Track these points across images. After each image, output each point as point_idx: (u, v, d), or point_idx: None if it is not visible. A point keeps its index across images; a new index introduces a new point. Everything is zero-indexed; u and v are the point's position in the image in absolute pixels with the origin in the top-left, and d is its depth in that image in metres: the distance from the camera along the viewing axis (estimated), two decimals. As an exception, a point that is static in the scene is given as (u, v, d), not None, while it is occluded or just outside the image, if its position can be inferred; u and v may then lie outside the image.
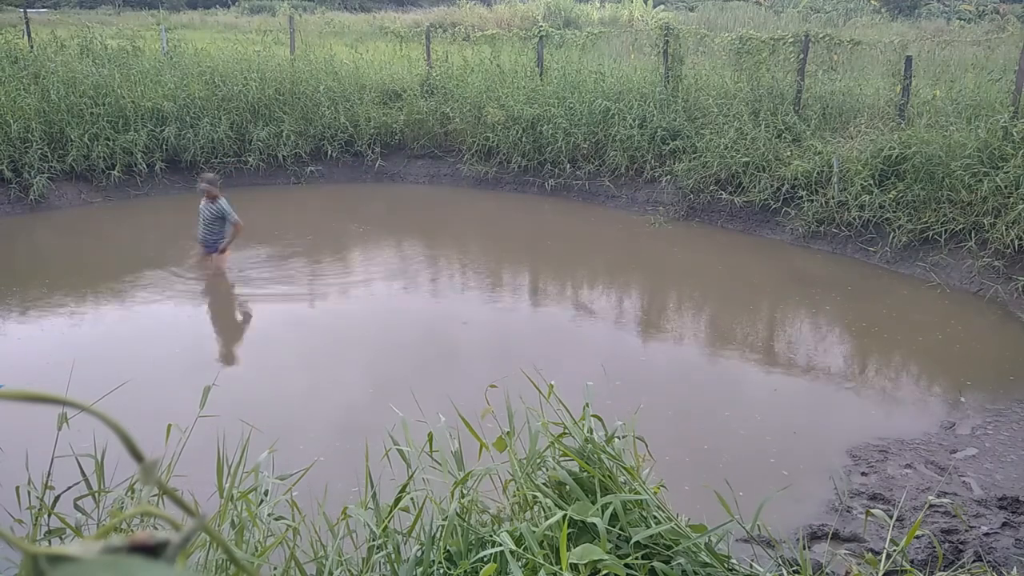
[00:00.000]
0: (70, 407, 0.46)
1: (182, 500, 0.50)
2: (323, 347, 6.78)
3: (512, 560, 2.10)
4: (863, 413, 5.90)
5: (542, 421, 2.53)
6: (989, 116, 8.95)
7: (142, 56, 13.03)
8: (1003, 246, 7.96)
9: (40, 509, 2.40)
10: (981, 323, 7.42)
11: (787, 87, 10.82)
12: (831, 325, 7.34)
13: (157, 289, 7.93)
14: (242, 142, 12.18)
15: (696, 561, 2.26)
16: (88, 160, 11.06)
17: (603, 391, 4.87)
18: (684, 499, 4.05)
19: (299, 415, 5.41)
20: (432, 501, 2.51)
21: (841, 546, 4.04)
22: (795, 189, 9.61)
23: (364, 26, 18.59)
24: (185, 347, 6.62)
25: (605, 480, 2.39)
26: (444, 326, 7.32)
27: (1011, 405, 5.76)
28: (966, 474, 4.80)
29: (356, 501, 2.58)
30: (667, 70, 11.63)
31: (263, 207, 11.44)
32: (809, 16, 20.93)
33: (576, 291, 8.29)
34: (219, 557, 2.26)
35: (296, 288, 8.29)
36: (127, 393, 3.50)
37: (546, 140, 11.64)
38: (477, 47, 13.96)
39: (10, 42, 12.31)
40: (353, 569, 2.47)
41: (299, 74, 12.86)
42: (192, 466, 2.58)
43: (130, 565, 0.40)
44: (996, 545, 4.04)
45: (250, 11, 28.56)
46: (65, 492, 2.51)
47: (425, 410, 2.86)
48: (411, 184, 12.71)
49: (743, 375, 6.33)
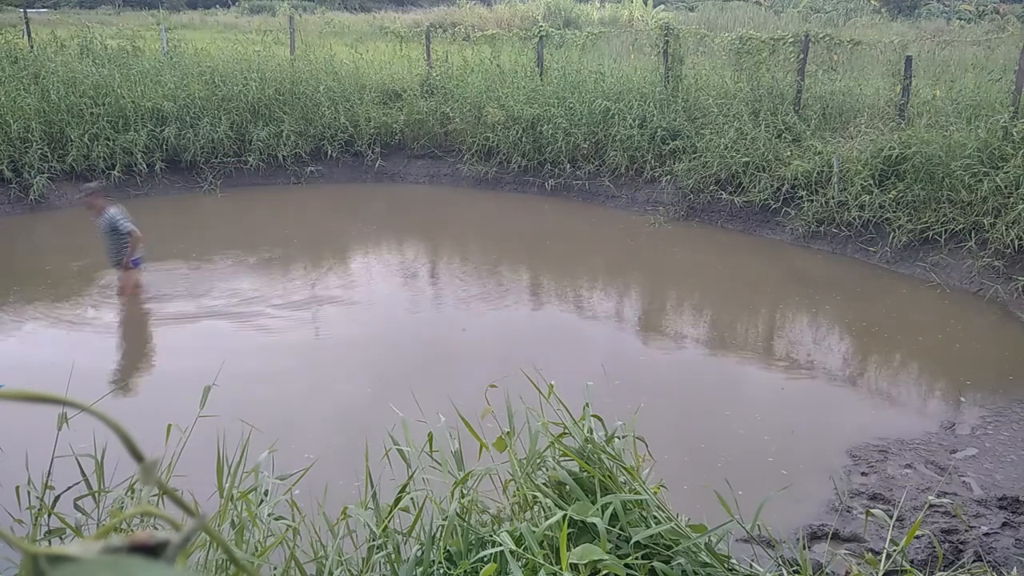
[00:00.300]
0: (70, 407, 0.46)
1: (182, 500, 0.50)
2: (322, 347, 6.78)
3: (512, 560, 2.10)
4: (863, 413, 5.90)
5: (542, 421, 2.53)
6: (989, 116, 8.94)
7: (142, 56, 13.03)
8: (1003, 246, 7.96)
9: (40, 509, 2.40)
10: (981, 323, 7.41)
11: (787, 87, 10.82)
12: (831, 325, 7.34)
13: (156, 289, 7.93)
14: (242, 142, 12.18)
15: (696, 561, 2.26)
16: (88, 160, 11.06)
17: (603, 391, 4.87)
18: (684, 499, 4.05)
19: (299, 415, 5.41)
20: (432, 501, 2.50)
21: (841, 546, 4.04)
22: (795, 189, 9.61)
23: (364, 26, 18.59)
24: (185, 347, 6.62)
25: (605, 480, 2.39)
26: (444, 326, 7.32)
27: (1011, 405, 5.76)
28: (966, 474, 4.80)
29: (356, 501, 2.58)
30: (667, 70, 11.63)
31: (263, 207, 11.45)
32: (809, 16, 20.93)
33: (576, 291, 8.29)
34: (219, 557, 2.26)
35: (294, 289, 8.28)
36: (127, 393, 3.51)
37: (546, 140, 11.64)
38: (477, 47, 13.96)
39: (10, 42, 12.31)
40: (353, 569, 2.47)
41: (299, 74, 12.86)
42: (192, 466, 2.58)
43: (130, 565, 0.40)
44: (996, 545, 4.04)
45: (250, 11, 28.56)
46: (65, 492, 2.51)
47: (425, 410, 2.86)
48: (411, 184, 12.71)
49: (743, 375, 6.33)
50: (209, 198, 11.56)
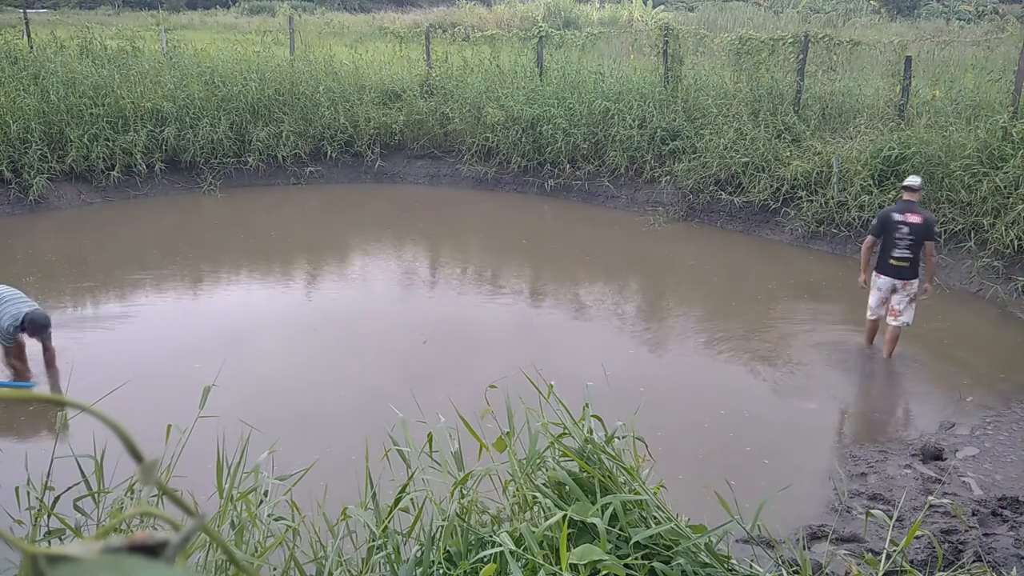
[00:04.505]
0: (70, 407, 0.46)
1: (181, 500, 0.50)
2: (322, 348, 6.78)
3: (512, 560, 2.10)
4: (863, 413, 5.90)
5: (542, 421, 2.53)
6: (989, 116, 8.95)
7: (142, 57, 13.03)
8: (1002, 246, 7.96)
9: (40, 510, 2.40)
10: (981, 323, 7.42)
11: (787, 87, 10.82)
12: (831, 325, 7.33)
13: (157, 289, 7.93)
14: (242, 142, 12.18)
15: (696, 561, 2.26)
16: (88, 160, 11.06)
17: (603, 391, 4.87)
18: (684, 499, 4.05)
19: (299, 415, 5.41)
20: (432, 501, 2.50)
21: (841, 546, 4.04)
22: (795, 189, 9.61)
23: (364, 26, 18.61)
24: (185, 347, 6.62)
25: (605, 480, 2.39)
26: (444, 327, 7.32)
27: (1011, 405, 5.76)
28: (966, 474, 4.80)
29: (356, 502, 2.58)
30: (667, 70, 11.63)
31: (263, 208, 11.44)
32: (809, 16, 20.92)
33: (576, 291, 8.28)
34: (219, 557, 2.26)
35: (294, 289, 8.29)
36: (127, 393, 3.51)
37: (546, 140, 11.64)
38: (477, 47, 13.96)
39: (10, 42, 12.31)
40: (353, 569, 2.46)
41: (299, 74, 12.86)
42: (192, 466, 2.58)
43: (130, 565, 0.40)
44: (996, 545, 4.04)
45: (250, 11, 28.55)
46: (65, 493, 2.50)
47: (425, 410, 2.86)
48: (411, 184, 12.71)
49: (742, 375, 6.32)
50: (209, 198, 11.55)
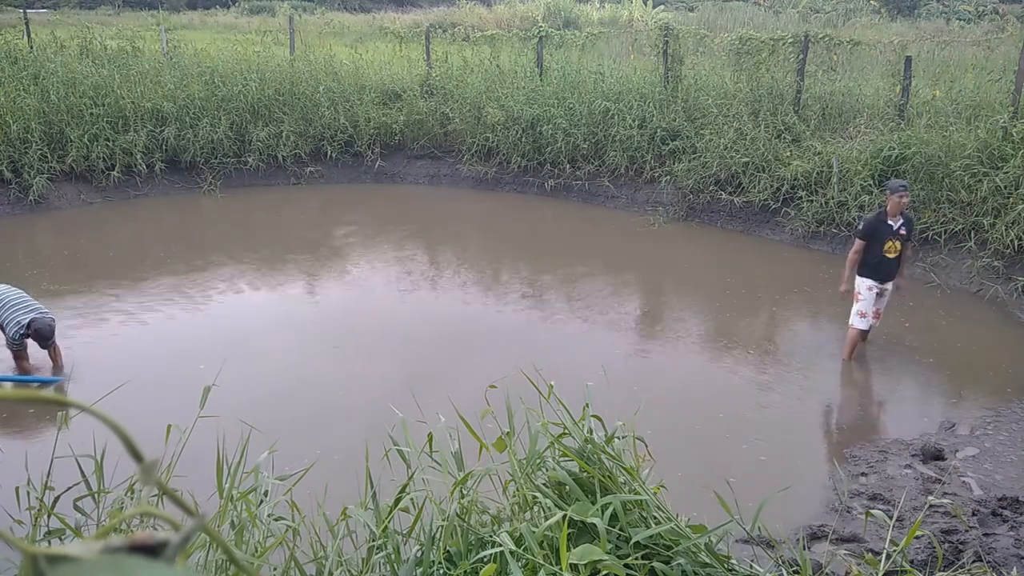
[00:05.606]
0: (70, 407, 0.46)
1: (181, 500, 0.50)
2: (323, 348, 6.78)
3: (512, 560, 2.10)
4: (863, 413, 5.90)
5: (542, 421, 2.53)
6: (989, 116, 8.95)
7: (142, 57, 13.03)
8: (1003, 246, 7.96)
9: (40, 510, 2.40)
10: (981, 323, 7.42)
11: (787, 87, 10.82)
12: (830, 325, 7.33)
13: (157, 289, 7.93)
14: (242, 142, 12.18)
15: (696, 561, 2.26)
16: (88, 160, 11.06)
17: (603, 391, 4.87)
18: (684, 499, 4.04)
19: (299, 415, 5.41)
20: (432, 501, 2.50)
21: (841, 546, 4.03)
22: (795, 189, 9.61)
23: (364, 26, 18.61)
24: (185, 347, 6.62)
25: (605, 480, 2.39)
26: (444, 327, 7.32)
27: (1011, 405, 5.76)
28: (966, 474, 4.80)
29: (356, 501, 2.58)
30: (667, 70, 11.63)
31: (263, 208, 11.45)
32: (809, 16, 20.92)
33: (576, 291, 8.28)
34: (219, 557, 2.26)
35: (293, 289, 8.28)
36: (127, 393, 3.51)
37: (546, 140, 11.64)
38: (477, 47, 13.97)
39: (10, 42, 12.31)
40: (353, 569, 2.46)
41: (299, 74, 12.86)
42: (192, 467, 2.58)
43: (130, 565, 0.40)
44: (996, 545, 4.04)
45: (250, 11, 28.56)
46: (65, 493, 2.50)
47: (425, 410, 2.86)
48: (411, 184, 12.71)
49: (742, 375, 6.32)
50: (209, 198, 11.56)
